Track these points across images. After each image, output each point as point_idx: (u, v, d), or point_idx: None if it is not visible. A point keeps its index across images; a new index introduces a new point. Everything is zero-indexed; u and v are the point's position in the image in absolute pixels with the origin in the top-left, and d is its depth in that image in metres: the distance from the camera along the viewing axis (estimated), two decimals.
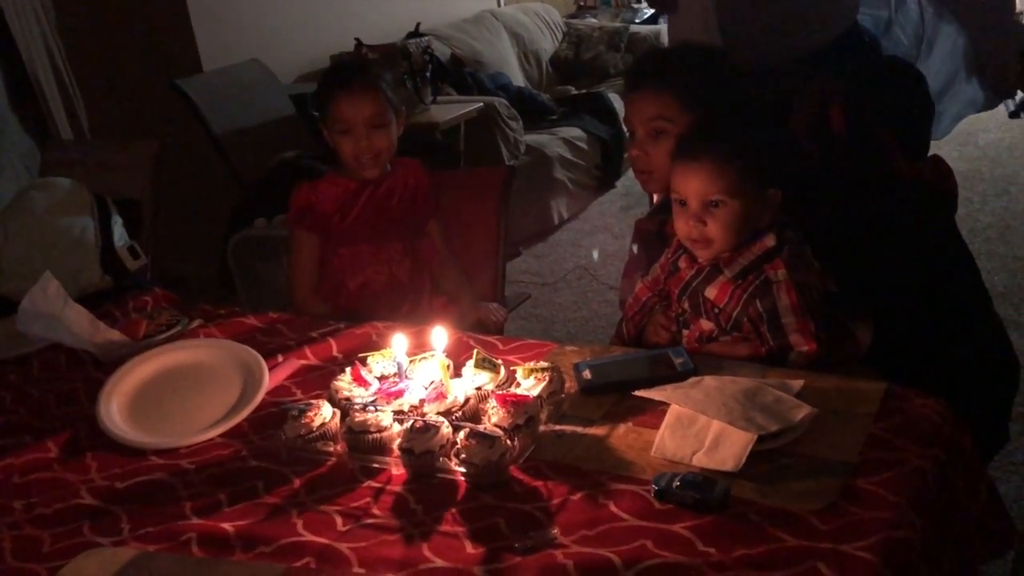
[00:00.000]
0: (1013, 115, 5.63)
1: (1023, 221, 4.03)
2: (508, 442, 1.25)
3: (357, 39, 4.20)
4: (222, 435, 1.47)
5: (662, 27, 6.37)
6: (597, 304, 3.67)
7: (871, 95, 1.91)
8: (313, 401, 1.40)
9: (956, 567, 1.20)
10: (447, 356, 1.45)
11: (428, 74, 4.24)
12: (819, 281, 1.52)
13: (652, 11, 6.75)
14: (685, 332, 1.59)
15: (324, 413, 1.37)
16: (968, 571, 1.26)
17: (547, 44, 6.02)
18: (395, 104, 2.04)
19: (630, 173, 5.12)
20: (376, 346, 1.66)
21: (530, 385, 1.37)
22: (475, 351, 1.44)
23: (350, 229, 2.06)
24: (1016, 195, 4.35)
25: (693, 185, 1.51)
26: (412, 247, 2.08)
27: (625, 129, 1.82)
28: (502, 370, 1.42)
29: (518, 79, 5.45)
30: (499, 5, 6.24)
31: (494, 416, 1.30)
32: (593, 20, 6.44)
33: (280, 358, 1.70)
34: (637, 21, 6.54)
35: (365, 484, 1.29)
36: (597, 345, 1.72)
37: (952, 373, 1.72)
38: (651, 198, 2.29)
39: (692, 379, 1.37)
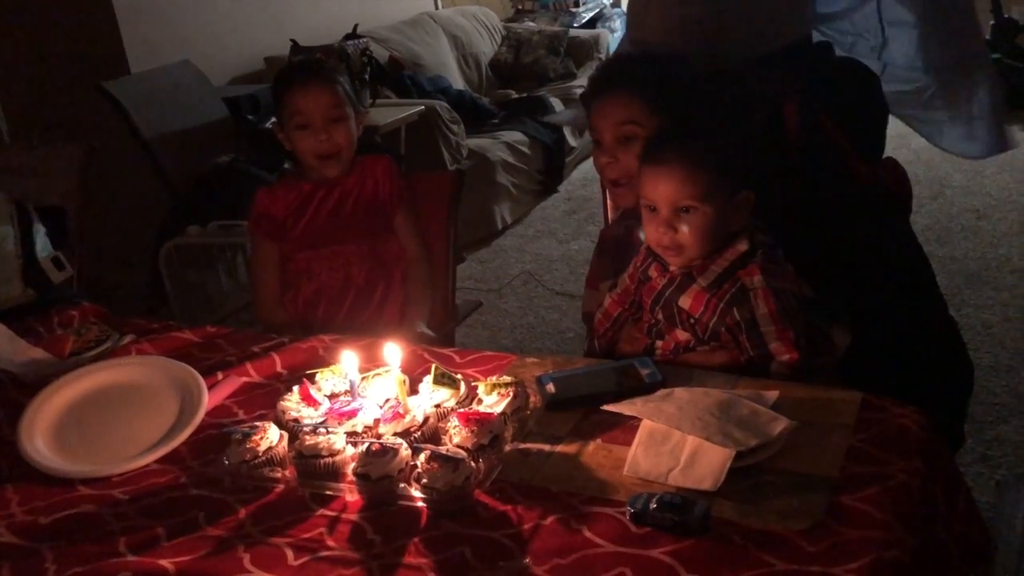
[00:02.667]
0: None
1: (959, 223, 4.10)
2: (472, 464, 1.17)
3: (293, 40, 4.08)
4: (158, 461, 1.36)
5: (600, 31, 6.38)
6: (543, 310, 3.62)
7: (825, 96, 1.89)
8: (258, 423, 1.31)
9: None
10: (401, 371, 1.37)
11: (367, 76, 4.14)
12: (794, 285, 1.48)
13: (591, 15, 6.76)
14: (660, 343, 1.53)
15: (271, 436, 1.28)
16: None
17: (486, 47, 5.96)
18: (353, 100, 1.98)
19: (573, 177, 5.18)
20: (324, 361, 1.57)
21: (493, 401, 1.30)
22: (433, 366, 1.35)
23: (304, 233, 1.98)
24: (951, 197, 4.43)
25: (663, 190, 1.45)
26: (373, 250, 2.00)
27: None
28: (462, 386, 1.35)
29: (458, 82, 5.38)
30: (436, 7, 6.16)
31: (456, 436, 1.22)
32: (532, 24, 6.40)
33: (220, 375, 1.59)
34: (576, 25, 6.52)
35: (318, 513, 1.19)
36: (557, 355, 1.65)
37: (910, 376, 1.71)
38: (605, 206, 2.24)
39: (662, 391, 1.31)
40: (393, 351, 1.37)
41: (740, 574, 1.00)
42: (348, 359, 1.37)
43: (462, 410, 1.27)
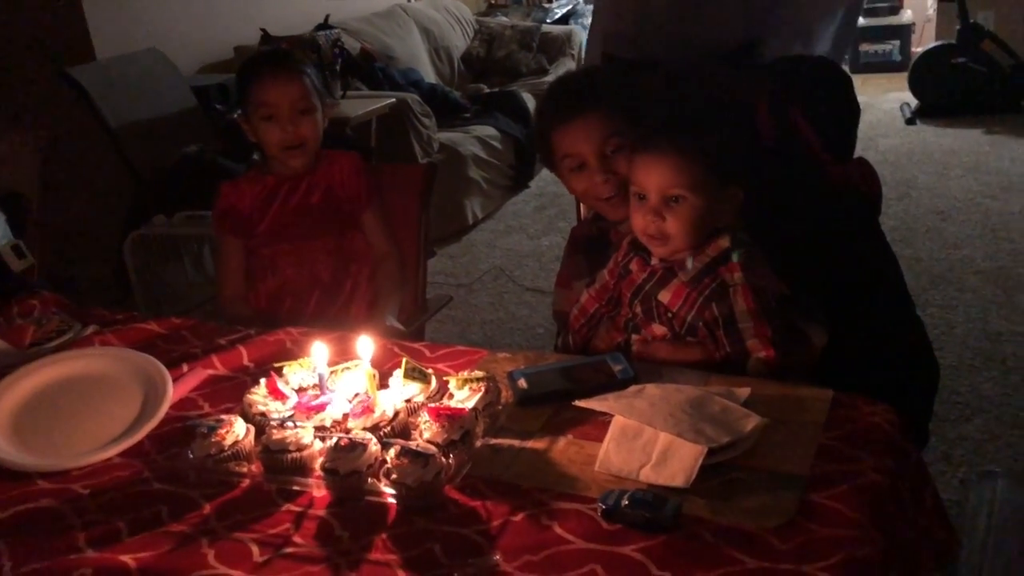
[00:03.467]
0: (909, 122, 5.84)
1: (924, 224, 4.15)
2: (443, 460, 1.16)
3: (263, 30, 4.04)
4: (120, 455, 1.33)
5: (572, 27, 6.37)
6: (513, 306, 3.61)
7: (797, 95, 1.89)
8: (224, 416, 1.28)
9: None
10: (371, 365, 1.35)
11: (338, 68, 4.11)
12: (773, 283, 1.48)
13: (563, 11, 6.76)
14: (636, 337, 1.53)
15: (237, 430, 1.25)
16: None
17: (458, 41, 5.93)
18: (320, 92, 1.95)
19: (544, 173, 5.19)
20: (291, 354, 1.54)
21: (464, 396, 1.28)
22: (403, 360, 1.34)
23: (269, 227, 1.95)
24: (916, 198, 4.49)
25: (654, 178, 1.44)
26: (339, 246, 1.98)
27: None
28: (433, 380, 1.33)
29: (430, 76, 5.35)
30: (409, 0, 6.13)
31: (427, 431, 1.20)
32: (504, 19, 6.39)
33: (185, 368, 1.56)
34: (548, 21, 6.51)
35: (284, 508, 1.17)
36: (529, 351, 1.64)
37: (878, 375, 1.71)
38: (577, 203, 2.22)
39: (634, 387, 1.31)
40: (365, 344, 1.35)
41: (711, 572, 0.99)
42: (318, 351, 1.35)
43: (433, 405, 1.26)
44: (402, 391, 1.32)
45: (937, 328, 3.09)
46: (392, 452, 1.16)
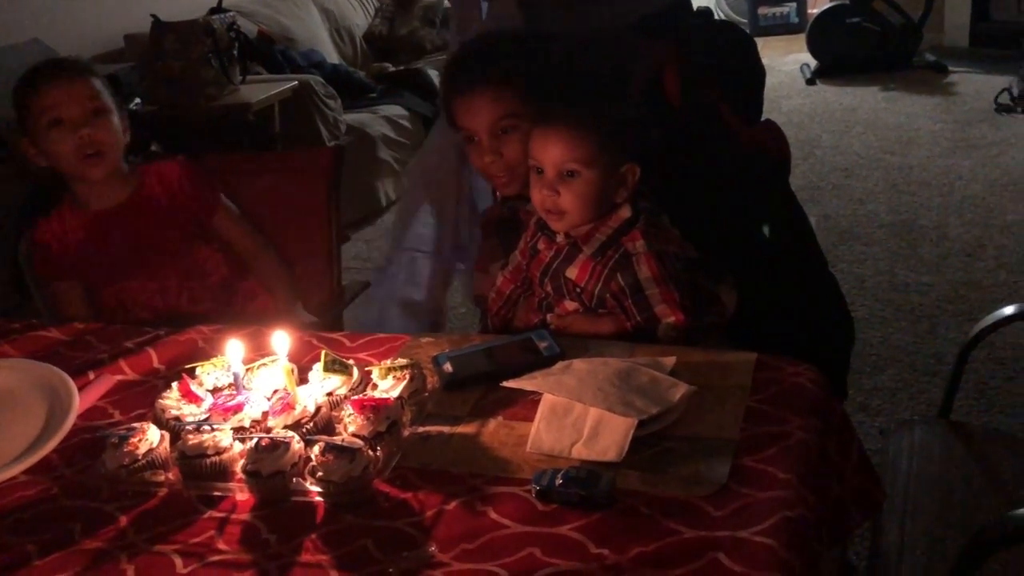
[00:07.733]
0: (810, 82, 5.97)
1: (829, 182, 4.25)
2: (370, 453, 1.12)
3: (154, 16, 3.87)
4: (25, 473, 1.25)
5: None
6: None
7: (704, 59, 1.89)
8: (136, 424, 1.22)
9: (835, 535, 1.18)
10: (288, 359, 1.30)
11: (235, 52, 3.97)
12: (679, 248, 1.49)
13: None
14: (550, 316, 1.52)
15: (151, 437, 1.19)
16: (843, 537, 1.25)
17: (359, 20, 5.80)
18: (116, 100, 1.78)
19: None
20: (204, 354, 1.48)
21: (388, 386, 1.24)
22: (323, 352, 1.29)
23: (102, 267, 1.78)
24: (821, 157, 4.60)
25: (551, 152, 1.44)
26: (196, 267, 1.82)
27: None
28: (355, 371, 1.29)
29: (332, 56, 5.22)
30: None
31: (351, 425, 1.16)
32: None
33: (91, 375, 1.49)
34: None
35: (206, 515, 1.12)
36: (453, 333, 1.61)
37: (796, 333, 1.74)
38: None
39: (561, 364, 1.29)
40: (281, 339, 1.30)
41: (649, 545, 0.98)
42: (233, 349, 1.29)
43: (356, 397, 1.22)
44: (323, 385, 1.27)
45: (847, 283, 3.18)
46: (316, 449, 1.12)
